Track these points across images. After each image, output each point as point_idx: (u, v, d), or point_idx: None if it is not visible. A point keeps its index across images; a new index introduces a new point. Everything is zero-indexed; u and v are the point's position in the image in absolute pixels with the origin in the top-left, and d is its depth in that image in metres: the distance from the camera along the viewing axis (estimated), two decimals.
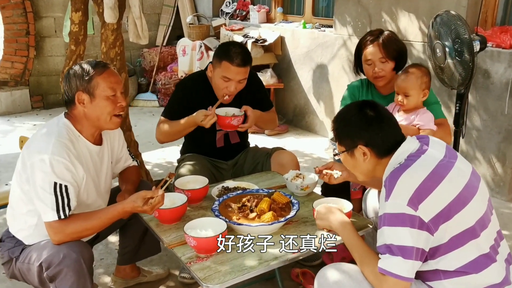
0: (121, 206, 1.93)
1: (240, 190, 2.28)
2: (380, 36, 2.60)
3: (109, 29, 3.18)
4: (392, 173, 1.61)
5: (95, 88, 1.96)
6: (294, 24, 5.43)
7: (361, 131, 1.69)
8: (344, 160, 1.79)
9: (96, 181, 2.11)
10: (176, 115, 2.65)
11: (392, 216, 1.53)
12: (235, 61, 2.50)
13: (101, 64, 2.02)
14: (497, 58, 3.36)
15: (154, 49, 6.70)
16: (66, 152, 1.89)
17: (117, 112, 2.03)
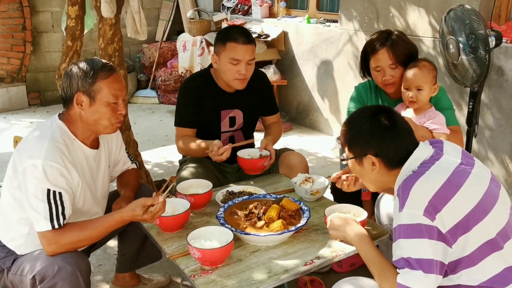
0: (119, 215, 1.79)
1: (246, 195, 2.15)
2: (389, 40, 2.42)
3: (107, 24, 3.04)
4: (404, 181, 1.49)
5: (97, 92, 1.83)
6: (297, 19, 5.28)
7: (372, 140, 1.58)
8: (352, 167, 1.68)
9: (93, 187, 1.98)
10: (191, 122, 2.55)
11: (408, 227, 1.41)
12: (240, 39, 2.38)
13: (108, 67, 1.88)
14: (511, 54, 3.23)
15: (153, 44, 6.56)
16: (60, 157, 1.76)
17: (115, 121, 1.90)
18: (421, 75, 2.28)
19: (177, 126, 2.57)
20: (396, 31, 2.51)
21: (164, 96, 6.31)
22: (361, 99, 2.62)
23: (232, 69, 2.41)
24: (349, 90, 4.63)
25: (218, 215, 1.91)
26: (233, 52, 2.38)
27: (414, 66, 2.32)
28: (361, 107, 1.73)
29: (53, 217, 1.72)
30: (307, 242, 1.85)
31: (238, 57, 2.38)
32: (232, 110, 2.59)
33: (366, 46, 2.53)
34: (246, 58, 2.41)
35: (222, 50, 2.42)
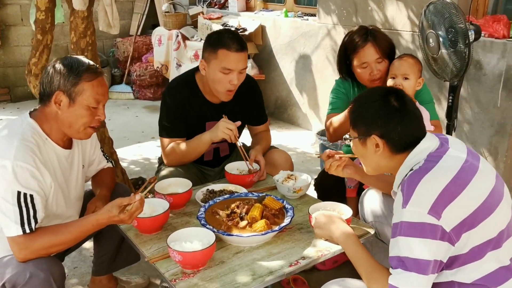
0: (95, 217, 1.70)
1: (227, 194, 2.08)
2: (370, 35, 2.38)
3: (79, 17, 2.92)
4: (410, 176, 1.43)
5: (78, 94, 1.74)
6: (275, 13, 5.22)
7: (379, 120, 1.51)
8: (355, 146, 1.62)
9: (65, 189, 1.88)
10: (181, 132, 2.39)
11: (411, 225, 1.36)
12: (233, 46, 2.19)
13: (94, 68, 1.78)
14: (489, 48, 3.23)
15: (128, 38, 6.41)
16: (31, 157, 1.66)
17: (93, 125, 1.81)
18: (408, 64, 2.26)
19: (164, 138, 2.40)
20: (370, 26, 2.47)
21: (139, 91, 6.17)
22: (344, 90, 2.57)
23: (223, 79, 2.24)
24: (328, 85, 4.62)
25: (199, 215, 1.83)
26: (225, 60, 2.20)
27: (400, 58, 2.30)
28: (372, 87, 1.66)
29: (24, 221, 1.62)
30: (291, 241, 1.80)
31: (230, 67, 2.21)
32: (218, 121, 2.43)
33: (345, 46, 2.46)
34: (239, 67, 2.24)
35: (212, 57, 2.23)
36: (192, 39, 5.53)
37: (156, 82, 6.12)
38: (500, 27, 3.23)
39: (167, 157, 2.39)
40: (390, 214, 1.97)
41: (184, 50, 5.50)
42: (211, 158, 2.51)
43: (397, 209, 1.42)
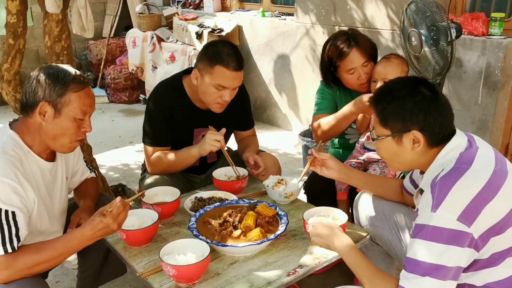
0: (79, 231, 1.59)
1: (218, 202, 2.02)
2: (352, 39, 2.35)
3: (53, 20, 2.80)
4: (443, 179, 1.37)
5: (64, 105, 1.64)
6: (252, 13, 5.16)
7: (420, 113, 1.42)
8: (385, 146, 1.52)
9: (49, 203, 1.78)
10: (166, 140, 2.30)
11: (437, 230, 1.31)
12: (231, 64, 2.09)
13: (81, 78, 1.69)
14: (469, 46, 3.26)
15: (100, 41, 6.25)
16: (13, 172, 1.56)
17: (78, 138, 1.72)
18: (390, 68, 2.25)
19: (148, 146, 2.30)
20: (349, 29, 2.45)
21: (114, 94, 6.03)
22: (330, 90, 2.54)
23: (215, 94, 2.15)
24: (307, 85, 4.60)
25: (190, 225, 1.77)
26: (221, 78, 2.11)
27: (383, 59, 2.29)
28: (395, 78, 1.59)
29: (5, 239, 1.52)
30: (287, 249, 1.75)
31: (225, 85, 2.12)
32: (206, 128, 2.33)
33: (329, 54, 2.42)
34: (234, 85, 2.16)
35: (208, 71, 2.12)
36: (168, 40, 5.42)
37: (132, 85, 5.99)
38: (479, 25, 3.26)
39: (152, 166, 2.30)
40: (385, 217, 1.95)
41: (160, 52, 5.39)
42: (197, 164, 2.43)
43: (424, 210, 1.36)
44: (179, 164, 2.26)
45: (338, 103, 2.53)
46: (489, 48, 3.17)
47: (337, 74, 2.44)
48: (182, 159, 2.22)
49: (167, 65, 5.29)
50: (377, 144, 1.56)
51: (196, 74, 2.19)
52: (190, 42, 5.08)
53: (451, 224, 1.30)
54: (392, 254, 1.97)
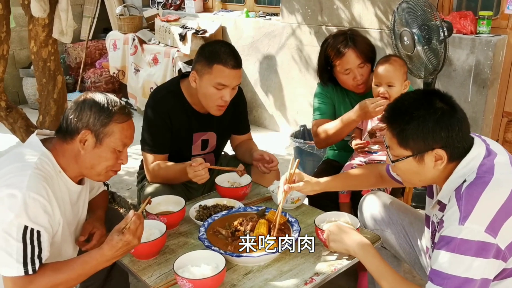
0: (98, 253, 1.52)
1: (223, 209, 1.97)
2: (350, 40, 2.34)
3: (39, 24, 2.71)
4: (469, 190, 1.35)
5: (106, 135, 1.59)
6: (235, 13, 5.11)
7: (442, 130, 1.37)
8: (405, 166, 1.47)
9: (72, 224, 1.72)
10: (165, 148, 2.25)
11: (465, 243, 1.29)
12: (230, 62, 2.07)
13: (125, 110, 1.65)
14: (458, 44, 3.28)
15: (79, 44, 6.10)
16: (44, 189, 1.49)
17: (114, 169, 1.67)
18: (393, 71, 2.23)
19: (148, 153, 2.25)
20: (348, 30, 2.44)
21: None
22: (327, 93, 2.52)
23: (215, 94, 2.12)
24: (294, 85, 4.58)
25: (201, 236, 1.71)
26: (220, 76, 2.08)
27: (386, 61, 2.26)
28: (406, 94, 1.52)
29: (27, 260, 1.44)
30: (300, 256, 1.71)
31: (225, 83, 2.09)
32: (206, 132, 2.32)
33: (325, 53, 2.41)
34: (234, 84, 2.13)
35: (206, 72, 2.09)
36: (150, 42, 5.33)
37: (113, 88, 5.86)
38: (468, 23, 3.29)
39: (151, 175, 2.25)
40: (392, 221, 1.93)
41: (142, 54, 5.29)
42: None
43: (451, 223, 1.33)
44: (176, 180, 2.22)
45: (336, 104, 2.52)
46: (478, 46, 3.20)
47: (334, 73, 2.43)
48: (179, 177, 2.16)
49: (150, 67, 5.19)
50: (396, 165, 1.50)
51: (195, 76, 2.15)
52: (173, 44, 5.00)
53: (479, 236, 1.28)
54: (401, 257, 1.96)
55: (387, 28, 3.67)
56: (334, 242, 1.62)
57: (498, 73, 3.30)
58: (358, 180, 1.94)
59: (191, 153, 2.33)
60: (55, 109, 2.87)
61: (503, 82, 3.36)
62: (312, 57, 4.31)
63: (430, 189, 1.67)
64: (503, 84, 3.37)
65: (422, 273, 1.89)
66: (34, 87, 5.76)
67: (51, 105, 2.85)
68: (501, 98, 3.41)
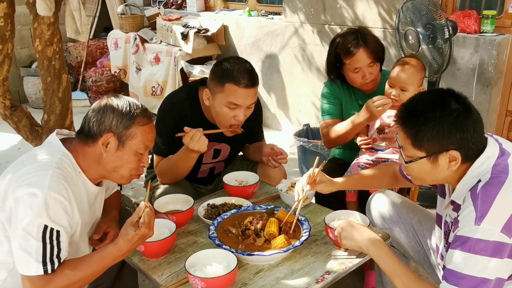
0: (115, 247, 1.52)
1: (231, 208, 1.97)
2: (361, 39, 2.34)
3: (44, 23, 2.70)
4: (485, 190, 1.35)
5: (129, 138, 1.59)
6: (237, 12, 5.10)
7: (458, 132, 1.36)
8: (419, 167, 1.46)
9: (89, 225, 1.72)
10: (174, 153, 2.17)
11: (481, 243, 1.29)
12: (242, 81, 1.97)
13: (147, 113, 1.66)
14: (462, 43, 3.29)
15: (80, 43, 6.07)
16: (65, 189, 1.48)
17: (135, 173, 1.67)
18: (409, 75, 2.21)
19: (157, 155, 2.22)
20: (359, 28, 2.44)
21: (96, 97, 5.87)
22: (334, 93, 2.53)
23: (228, 114, 2.04)
24: (296, 84, 4.58)
25: (211, 235, 1.71)
26: (233, 96, 1.99)
27: (404, 63, 2.23)
28: (420, 94, 1.51)
29: (46, 259, 1.43)
30: (310, 255, 1.71)
31: (237, 102, 2.01)
32: (219, 144, 2.27)
33: (336, 50, 2.41)
34: (247, 103, 2.03)
35: (218, 90, 2.02)
36: (151, 41, 5.32)
37: (114, 87, 5.85)
38: (471, 22, 3.29)
39: (160, 176, 2.24)
40: (401, 220, 1.93)
41: (144, 53, 5.28)
42: (205, 176, 2.37)
43: (467, 223, 1.34)
44: (182, 170, 2.17)
45: (343, 103, 2.52)
46: (482, 45, 3.21)
47: (342, 71, 2.44)
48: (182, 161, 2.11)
49: (152, 66, 5.18)
50: (409, 165, 1.49)
51: (208, 95, 2.09)
52: (175, 43, 5.00)
53: (494, 236, 1.29)
54: (409, 256, 1.96)
55: (390, 27, 3.67)
56: (346, 239, 1.62)
57: (502, 72, 3.30)
58: (373, 180, 1.95)
59: (202, 160, 2.29)
60: (60, 108, 2.86)
61: (506, 81, 3.36)
62: (315, 56, 4.31)
63: (442, 189, 1.67)
64: (507, 83, 3.37)
65: (431, 272, 1.89)
66: (35, 86, 5.74)
67: (56, 104, 2.84)
68: (504, 97, 3.41)
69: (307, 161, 3.63)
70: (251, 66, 2.09)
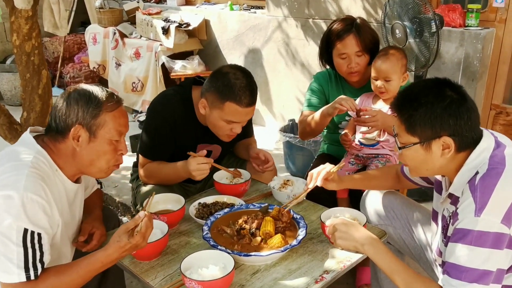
0: (103, 253, 1.45)
1: (223, 207, 1.92)
2: (355, 26, 2.32)
3: (22, 16, 2.59)
4: (483, 181, 1.34)
5: (99, 127, 1.50)
6: (219, 6, 5.03)
7: (450, 118, 1.36)
8: (412, 154, 1.45)
9: (70, 225, 1.64)
10: (165, 155, 2.12)
11: (483, 235, 1.28)
12: (244, 100, 1.90)
13: (114, 97, 1.56)
14: (447, 37, 3.29)
15: (56, 38, 5.90)
16: (42, 189, 1.41)
17: (113, 163, 1.58)
18: (390, 65, 2.21)
19: (143, 156, 2.13)
20: (358, 18, 2.42)
21: None
22: (320, 87, 2.50)
23: (225, 127, 1.98)
24: (280, 79, 4.53)
25: (205, 235, 1.66)
26: (232, 115, 1.93)
27: (383, 55, 2.23)
28: (417, 82, 1.51)
29: (28, 265, 1.36)
30: (307, 254, 1.68)
31: (237, 120, 1.96)
32: (211, 145, 2.22)
33: (329, 33, 2.40)
34: (246, 120, 2.01)
35: (217, 106, 1.93)
36: (131, 36, 5.20)
37: (93, 83, 5.69)
38: (456, 16, 3.30)
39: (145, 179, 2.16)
40: (396, 215, 1.91)
41: (123, 49, 5.15)
42: None
43: (467, 215, 1.33)
44: (171, 181, 2.13)
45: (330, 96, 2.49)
46: (467, 39, 3.22)
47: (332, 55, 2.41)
48: (176, 175, 2.07)
49: (132, 62, 5.07)
50: (403, 152, 1.49)
51: (204, 104, 1.99)
52: (156, 38, 4.89)
53: (494, 227, 1.28)
54: (405, 252, 1.95)
55: (375, 21, 3.65)
56: (341, 239, 1.59)
57: (487, 66, 3.32)
58: (377, 181, 1.94)
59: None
60: (40, 105, 2.75)
61: (491, 75, 3.39)
62: (299, 51, 4.27)
63: (438, 184, 1.66)
64: (491, 77, 3.40)
65: (428, 268, 1.88)
66: (10, 83, 5.56)
67: (36, 101, 2.73)
68: (489, 91, 3.44)
69: (293, 156, 3.60)
70: (252, 79, 2.00)
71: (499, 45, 3.30)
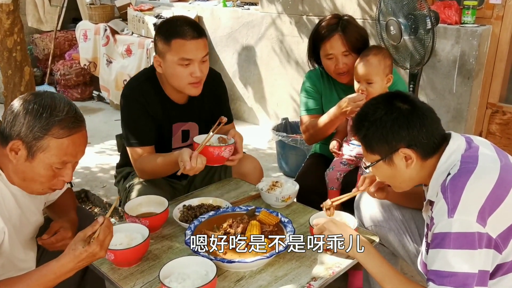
0: (57, 264, 1.32)
1: (209, 210, 1.84)
2: (340, 25, 2.24)
3: (3, 11, 2.51)
4: (453, 181, 1.31)
5: (39, 150, 1.38)
6: (212, 3, 4.95)
7: (401, 129, 1.38)
8: (380, 171, 1.47)
9: (23, 229, 1.54)
10: (150, 138, 2.07)
11: (461, 236, 1.24)
12: (188, 33, 1.91)
13: (69, 122, 1.40)
14: (443, 34, 3.22)
15: (47, 34, 5.79)
16: None
17: (52, 187, 1.47)
18: (371, 67, 2.11)
19: (133, 147, 2.06)
20: (345, 16, 2.35)
21: (65, 91, 5.63)
22: (314, 87, 2.43)
23: (183, 72, 1.95)
24: (274, 77, 4.46)
25: (187, 240, 1.58)
26: (182, 50, 1.91)
27: (365, 56, 2.14)
28: (369, 101, 1.52)
29: None
30: (295, 260, 1.60)
31: (188, 56, 1.92)
32: (186, 123, 2.15)
33: (314, 33, 2.33)
34: (199, 56, 1.94)
35: (166, 50, 1.93)
36: (122, 33, 5.11)
37: (84, 81, 5.62)
38: (452, 13, 3.23)
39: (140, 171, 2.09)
40: (390, 217, 1.85)
41: (114, 45, 5.07)
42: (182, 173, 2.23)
43: (441, 218, 1.28)
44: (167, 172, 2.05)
45: (323, 97, 2.42)
46: (463, 37, 3.15)
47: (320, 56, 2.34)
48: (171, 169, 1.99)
49: (123, 58, 4.98)
50: (372, 171, 1.52)
51: (158, 60, 2.00)
52: (148, 34, 4.81)
53: (471, 228, 1.24)
54: (400, 254, 1.88)
55: (370, 18, 3.58)
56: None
57: (483, 64, 3.25)
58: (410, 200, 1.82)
59: (171, 145, 2.17)
60: None
61: (487, 73, 3.32)
62: (293, 48, 4.19)
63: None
64: (487, 75, 3.33)
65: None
66: None
67: None
68: (485, 89, 3.37)
69: (287, 156, 3.52)
70: (192, 19, 2.04)
71: (496, 42, 3.23)
